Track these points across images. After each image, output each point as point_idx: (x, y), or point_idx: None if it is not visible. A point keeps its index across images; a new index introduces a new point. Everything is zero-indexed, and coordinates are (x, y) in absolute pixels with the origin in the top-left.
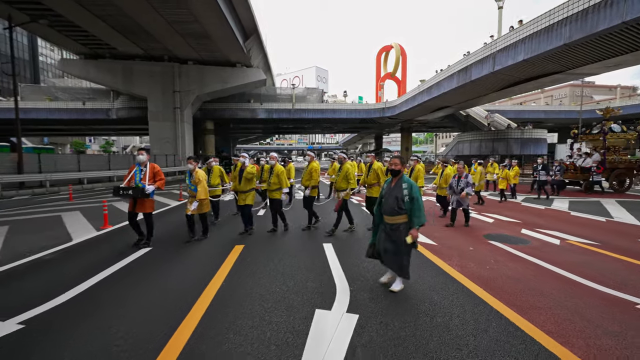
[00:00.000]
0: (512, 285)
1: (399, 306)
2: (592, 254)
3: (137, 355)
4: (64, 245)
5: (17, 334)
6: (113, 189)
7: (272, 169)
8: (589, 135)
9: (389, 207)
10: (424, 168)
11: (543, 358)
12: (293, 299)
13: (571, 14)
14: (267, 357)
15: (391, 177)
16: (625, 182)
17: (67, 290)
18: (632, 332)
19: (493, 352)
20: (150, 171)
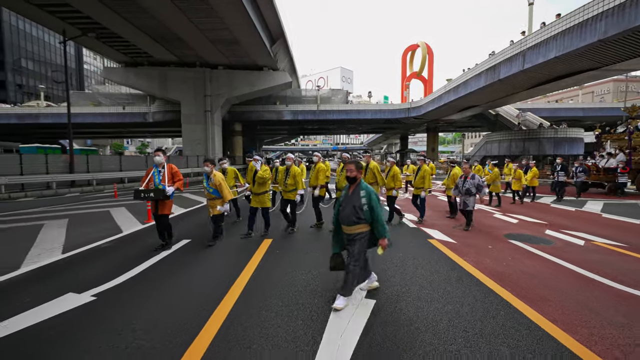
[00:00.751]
0: (526, 280)
1: (413, 295)
2: (616, 254)
3: (190, 319)
4: (117, 236)
5: (91, 303)
6: (134, 192)
7: (288, 170)
8: (614, 134)
9: (346, 217)
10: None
11: (544, 341)
12: (317, 286)
13: (607, 9)
14: (294, 329)
15: (348, 184)
16: None
17: (125, 272)
18: (638, 324)
19: (497, 335)
20: (169, 172)
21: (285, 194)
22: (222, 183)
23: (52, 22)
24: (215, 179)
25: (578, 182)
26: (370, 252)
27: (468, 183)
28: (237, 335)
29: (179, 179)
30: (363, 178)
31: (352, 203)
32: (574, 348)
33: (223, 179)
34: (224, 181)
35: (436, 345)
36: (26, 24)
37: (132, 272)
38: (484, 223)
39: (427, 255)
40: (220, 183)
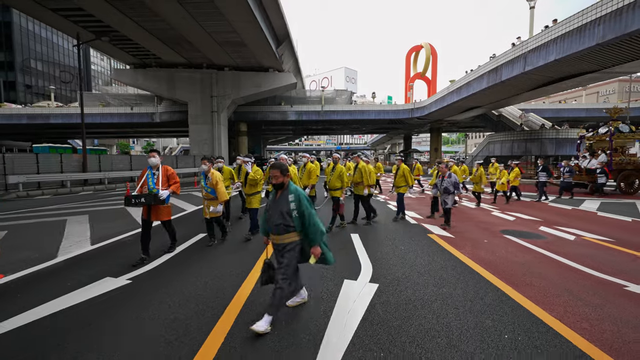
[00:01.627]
0: (515, 269)
1: (412, 280)
2: (603, 248)
3: (216, 298)
4: (137, 230)
5: (128, 286)
6: (124, 199)
7: None
8: (596, 136)
9: (274, 224)
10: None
11: (524, 317)
12: (326, 273)
13: (604, 14)
14: (308, 306)
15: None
16: (635, 184)
17: (153, 261)
18: (610, 305)
19: (484, 312)
20: (163, 174)
21: None
22: (220, 183)
23: (67, 26)
24: (213, 178)
25: (564, 182)
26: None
27: (446, 182)
28: (259, 310)
29: (175, 181)
30: (352, 178)
31: (279, 209)
32: (548, 321)
33: (221, 178)
34: (222, 181)
35: (430, 319)
36: (35, 25)
37: (159, 260)
38: (482, 220)
39: (426, 248)
40: (217, 182)
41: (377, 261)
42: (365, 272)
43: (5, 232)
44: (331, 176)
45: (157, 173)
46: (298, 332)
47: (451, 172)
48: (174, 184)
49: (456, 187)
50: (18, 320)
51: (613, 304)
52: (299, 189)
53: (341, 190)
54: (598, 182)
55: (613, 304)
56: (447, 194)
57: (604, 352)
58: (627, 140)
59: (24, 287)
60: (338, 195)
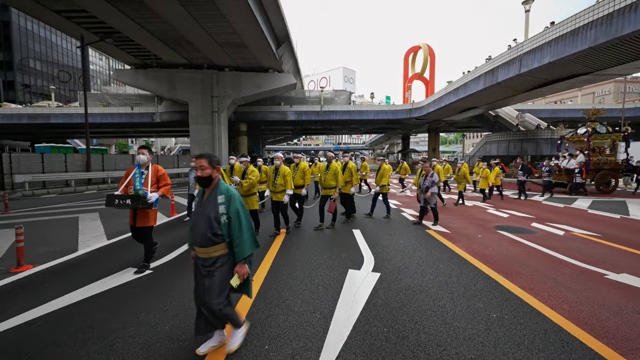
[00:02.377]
0: (505, 260)
1: (411, 270)
2: (589, 242)
3: None
4: None
5: (150, 275)
6: (106, 198)
7: (277, 170)
8: (575, 136)
9: (199, 234)
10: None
11: (511, 300)
12: (332, 264)
13: (596, 18)
14: (317, 291)
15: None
16: (611, 183)
17: (169, 253)
18: (589, 290)
19: (475, 296)
20: (153, 175)
21: (274, 194)
22: None
23: (70, 27)
24: None
25: (544, 181)
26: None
27: (427, 181)
28: (273, 296)
29: (166, 183)
30: (341, 176)
31: (206, 214)
32: (533, 303)
33: None
34: None
35: (427, 301)
36: (34, 25)
37: (175, 253)
38: (477, 217)
39: (424, 242)
40: None
41: (378, 253)
42: (367, 263)
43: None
44: (326, 175)
45: (146, 173)
46: (309, 313)
47: (433, 172)
48: (164, 186)
49: (432, 184)
50: (70, 299)
51: (592, 289)
52: (232, 189)
53: (335, 188)
54: (576, 182)
55: (592, 290)
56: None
57: (579, 327)
58: (604, 141)
59: (56, 277)
60: (332, 193)
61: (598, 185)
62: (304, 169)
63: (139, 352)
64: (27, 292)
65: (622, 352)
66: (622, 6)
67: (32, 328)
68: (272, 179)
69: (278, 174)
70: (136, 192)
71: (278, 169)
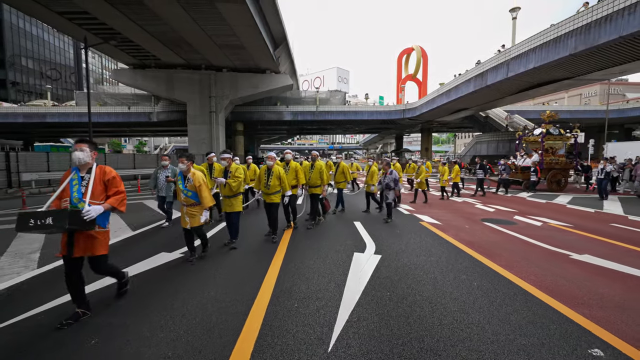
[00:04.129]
0: (488, 245)
1: (408, 252)
2: (561, 231)
3: (256, 269)
4: (161, 221)
5: (179, 259)
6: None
7: (269, 171)
8: (531, 137)
9: None
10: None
11: (490, 274)
12: (339, 248)
13: (576, 28)
14: (330, 268)
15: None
16: (561, 182)
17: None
18: (554, 267)
19: (461, 270)
20: (98, 180)
21: (266, 196)
22: (203, 185)
23: (72, 29)
24: (194, 180)
25: (501, 179)
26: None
27: (387, 178)
28: (292, 272)
29: (117, 191)
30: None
31: None
32: (507, 275)
33: (204, 179)
34: (206, 183)
35: (421, 275)
36: (26, 23)
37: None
38: (466, 211)
39: (418, 232)
40: (200, 185)
41: (378, 241)
42: (369, 248)
43: None
44: (311, 173)
45: (88, 178)
46: (326, 283)
47: (392, 170)
48: (115, 194)
49: (395, 183)
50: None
51: (557, 266)
52: None
53: (321, 187)
54: (530, 180)
55: (557, 266)
56: (388, 190)
57: (541, 291)
58: (556, 142)
59: None
60: (318, 192)
61: (550, 183)
62: (296, 168)
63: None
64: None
65: (570, 305)
66: (598, 17)
67: (109, 289)
68: (264, 180)
69: (271, 174)
70: (73, 206)
71: (271, 170)
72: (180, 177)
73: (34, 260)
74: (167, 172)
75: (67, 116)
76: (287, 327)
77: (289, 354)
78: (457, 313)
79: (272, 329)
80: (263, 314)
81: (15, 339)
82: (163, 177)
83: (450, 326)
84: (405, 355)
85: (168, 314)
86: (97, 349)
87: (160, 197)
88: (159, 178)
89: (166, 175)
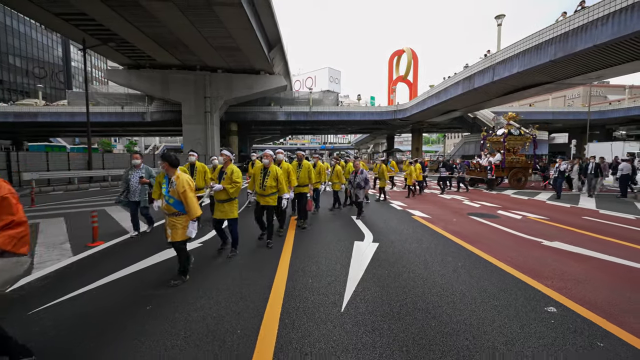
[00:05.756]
0: (472, 234)
1: (402, 241)
2: (537, 222)
3: (269, 257)
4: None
5: (199, 248)
6: None
7: (266, 171)
8: (494, 137)
9: None
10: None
11: (472, 257)
12: (341, 238)
13: (555, 36)
14: (335, 254)
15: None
16: (522, 180)
17: (210, 232)
18: (527, 250)
19: (447, 254)
20: None
21: (262, 198)
22: (189, 190)
23: (70, 30)
24: (178, 184)
25: (459, 177)
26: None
27: (358, 177)
28: (303, 257)
29: (9, 222)
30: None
31: None
32: (487, 258)
33: (190, 184)
34: (192, 188)
35: (413, 258)
36: (13, 21)
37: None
38: (454, 207)
39: (411, 224)
40: (185, 190)
41: (375, 232)
42: (368, 237)
43: (40, 221)
44: (299, 173)
45: None
46: (333, 264)
47: (363, 169)
48: (7, 228)
49: (366, 182)
50: (153, 260)
51: (529, 250)
52: None
53: (308, 187)
54: (488, 178)
55: (528, 250)
56: (359, 189)
57: (513, 268)
58: (517, 142)
59: (130, 248)
60: (306, 191)
61: (511, 181)
62: (288, 169)
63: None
64: (115, 257)
65: (535, 279)
66: (575, 27)
67: (145, 272)
68: (259, 180)
69: (268, 174)
70: None
71: (267, 169)
72: (165, 180)
73: (67, 250)
74: (140, 173)
75: (58, 116)
76: (306, 296)
77: (311, 314)
78: (443, 285)
79: (294, 297)
80: (284, 287)
81: (84, 305)
82: (136, 179)
83: (438, 294)
84: (402, 313)
85: (203, 290)
86: (154, 311)
87: (132, 202)
88: (130, 180)
89: (140, 176)
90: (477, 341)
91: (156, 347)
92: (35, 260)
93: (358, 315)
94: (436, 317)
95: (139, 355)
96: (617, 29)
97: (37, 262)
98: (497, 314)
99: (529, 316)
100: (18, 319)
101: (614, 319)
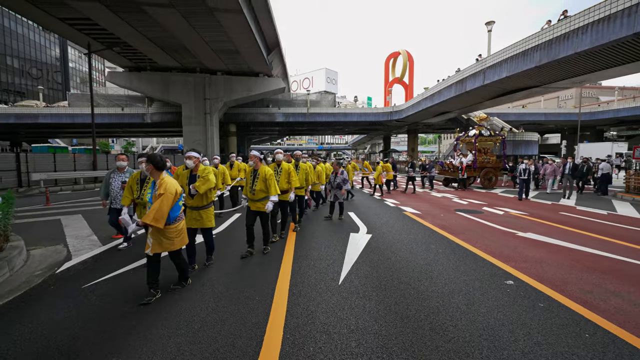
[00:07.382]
0: (456, 227)
1: (393, 232)
2: (517, 217)
3: (276, 251)
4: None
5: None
6: None
7: (255, 172)
8: (467, 138)
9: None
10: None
11: (455, 246)
12: (337, 230)
13: (540, 43)
14: (332, 243)
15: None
16: (492, 179)
17: (222, 224)
18: (503, 240)
19: (431, 243)
20: None
21: (253, 204)
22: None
23: (74, 35)
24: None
25: (429, 176)
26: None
27: (338, 178)
28: (304, 246)
29: None
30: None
31: None
32: (466, 246)
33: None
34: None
35: (402, 247)
36: (11, 22)
37: (226, 224)
38: (443, 204)
39: (401, 219)
40: (163, 194)
41: (369, 225)
42: (362, 229)
43: (60, 218)
44: (278, 177)
45: None
46: (331, 251)
47: (343, 170)
48: None
49: (345, 182)
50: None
51: (505, 240)
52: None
53: (304, 189)
54: (459, 178)
55: (504, 240)
56: (338, 189)
57: (488, 254)
58: (487, 143)
59: None
60: (301, 193)
61: (482, 181)
62: (288, 170)
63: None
64: (142, 247)
65: (503, 261)
66: (558, 35)
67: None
68: (249, 184)
69: (257, 177)
70: None
71: (257, 171)
72: (152, 185)
73: (96, 241)
74: (123, 177)
75: (59, 117)
76: (309, 274)
77: (314, 285)
78: (424, 266)
79: (299, 274)
80: (290, 267)
81: (126, 280)
82: (118, 183)
83: (419, 272)
84: (388, 286)
85: (224, 269)
86: (179, 291)
87: (113, 209)
88: (111, 184)
89: (123, 180)
90: (446, 303)
91: (192, 304)
92: (71, 250)
93: (352, 287)
94: (415, 288)
95: (188, 305)
96: (595, 37)
97: (73, 251)
98: (465, 285)
99: (490, 286)
100: (76, 290)
101: (558, 289)
